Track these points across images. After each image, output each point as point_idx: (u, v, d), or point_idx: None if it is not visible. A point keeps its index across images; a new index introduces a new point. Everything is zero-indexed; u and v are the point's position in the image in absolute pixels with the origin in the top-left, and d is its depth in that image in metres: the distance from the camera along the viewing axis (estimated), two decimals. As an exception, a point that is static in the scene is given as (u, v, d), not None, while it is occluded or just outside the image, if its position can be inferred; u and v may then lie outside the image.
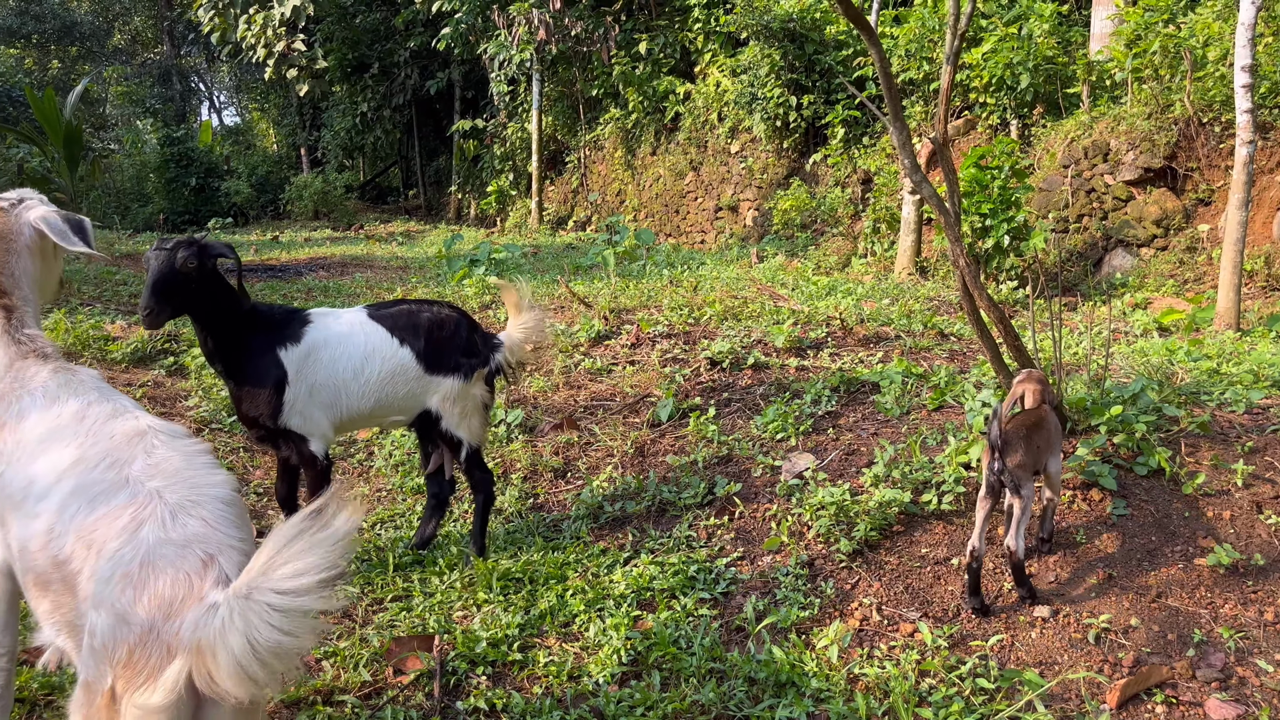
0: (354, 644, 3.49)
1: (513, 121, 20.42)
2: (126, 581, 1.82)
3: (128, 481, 2.03)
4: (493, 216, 21.12)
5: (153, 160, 28.93)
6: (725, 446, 4.90)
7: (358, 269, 12.12)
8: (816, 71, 12.52)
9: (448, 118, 24.53)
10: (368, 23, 23.84)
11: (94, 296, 8.48)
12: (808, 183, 12.50)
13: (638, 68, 16.40)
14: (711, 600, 3.70)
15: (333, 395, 3.83)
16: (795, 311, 6.96)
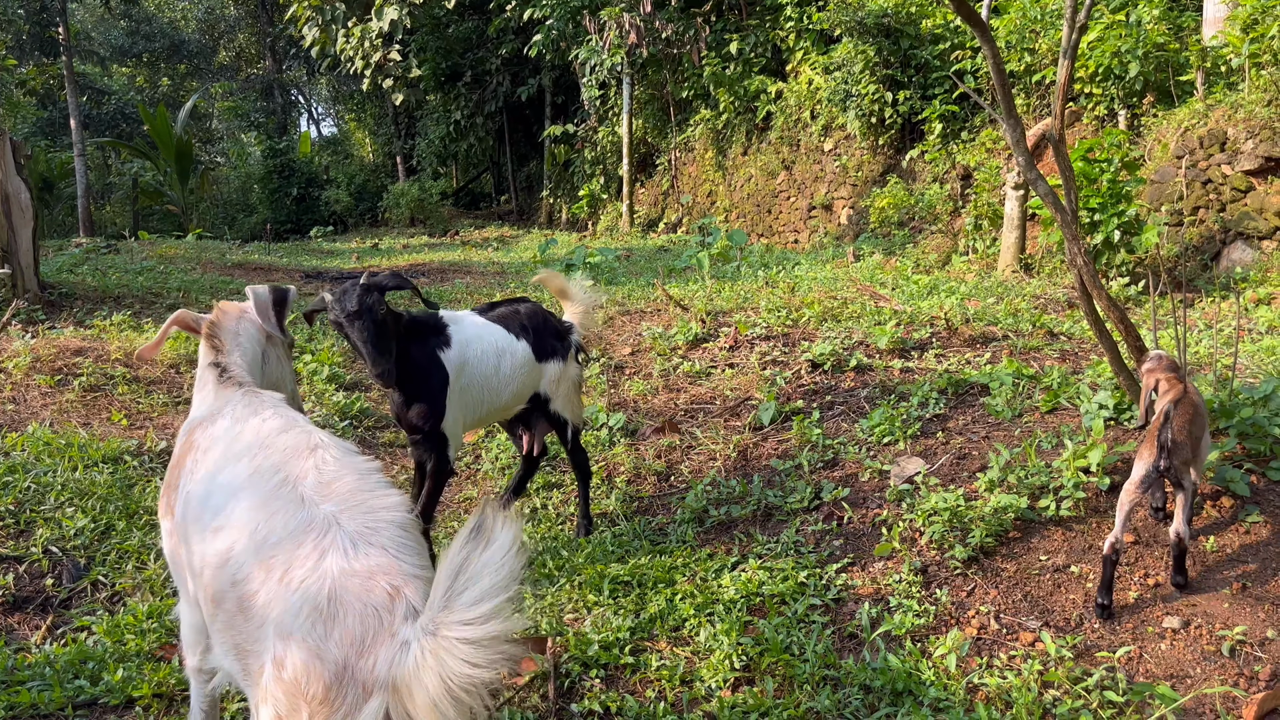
0: (469, 645, 3.55)
1: (603, 125, 20.55)
2: (317, 615, 1.80)
3: (303, 501, 2.02)
4: (584, 220, 21.29)
5: (257, 172, 30.01)
6: (830, 450, 4.84)
7: (457, 275, 12.34)
8: (912, 66, 12.28)
9: (538, 123, 24.83)
10: (460, 32, 24.27)
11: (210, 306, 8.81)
12: (904, 179, 12.28)
13: (728, 68, 16.34)
14: (823, 606, 3.66)
15: (478, 394, 4.02)
16: (897, 312, 6.84)
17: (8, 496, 4.21)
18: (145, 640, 3.43)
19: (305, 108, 47.53)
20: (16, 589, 3.74)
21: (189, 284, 9.63)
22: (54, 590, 3.80)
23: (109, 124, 34.66)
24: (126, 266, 10.60)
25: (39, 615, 3.66)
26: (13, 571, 3.80)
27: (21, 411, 5.27)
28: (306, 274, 11.95)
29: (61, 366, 5.81)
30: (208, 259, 12.85)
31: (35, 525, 4.11)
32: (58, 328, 6.98)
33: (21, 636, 3.51)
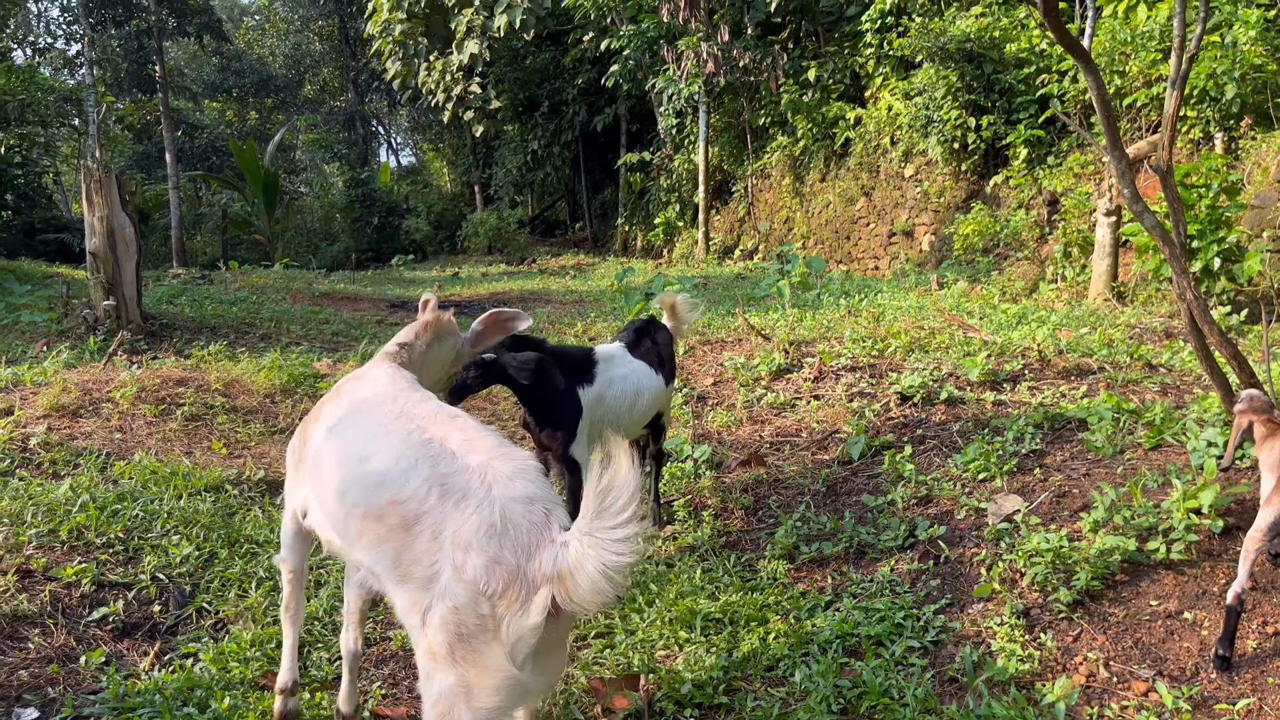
0: (562, 679, 3.54)
1: (679, 153, 20.65)
2: (493, 531, 2.32)
3: (454, 454, 2.51)
4: (659, 247, 21.37)
5: (339, 201, 30.83)
6: (924, 486, 4.75)
7: (536, 303, 12.48)
8: (996, 91, 12.10)
9: (613, 151, 25.06)
10: (538, 63, 24.69)
11: (301, 335, 9.06)
12: (988, 205, 12.07)
13: (806, 95, 16.30)
14: (921, 648, 3.58)
15: (611, 426, 4.32)
16: (987, 342, 6.70)
17: (118, 524, 4.35)
18: (249, 669, 3.49)
19: (385, 138, 48.75)
20: (126, 615, 3.85)
21: (280, 314, 9.90)
22: (161, 617, 3.90)
23: (200, 157, 35.99)
24: (221, 297, 10.94)
25: (147, 641, 3.77)
26: (122, 598, 3.92)
27: (128, 440, 5.46)
28: (391, 303, 12.20)
29: (165, 396, 6.01)
30: (296, 289, 13.21)
31: (143, 552, 4.23)
32: (160, 357, 7.23)
33: (131, 662, 3.61)
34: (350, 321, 10.22)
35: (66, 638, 3.65)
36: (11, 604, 3.70)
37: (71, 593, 3.89)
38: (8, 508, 4.35)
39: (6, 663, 3.45)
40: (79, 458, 5.13)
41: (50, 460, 5.06)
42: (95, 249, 7.74)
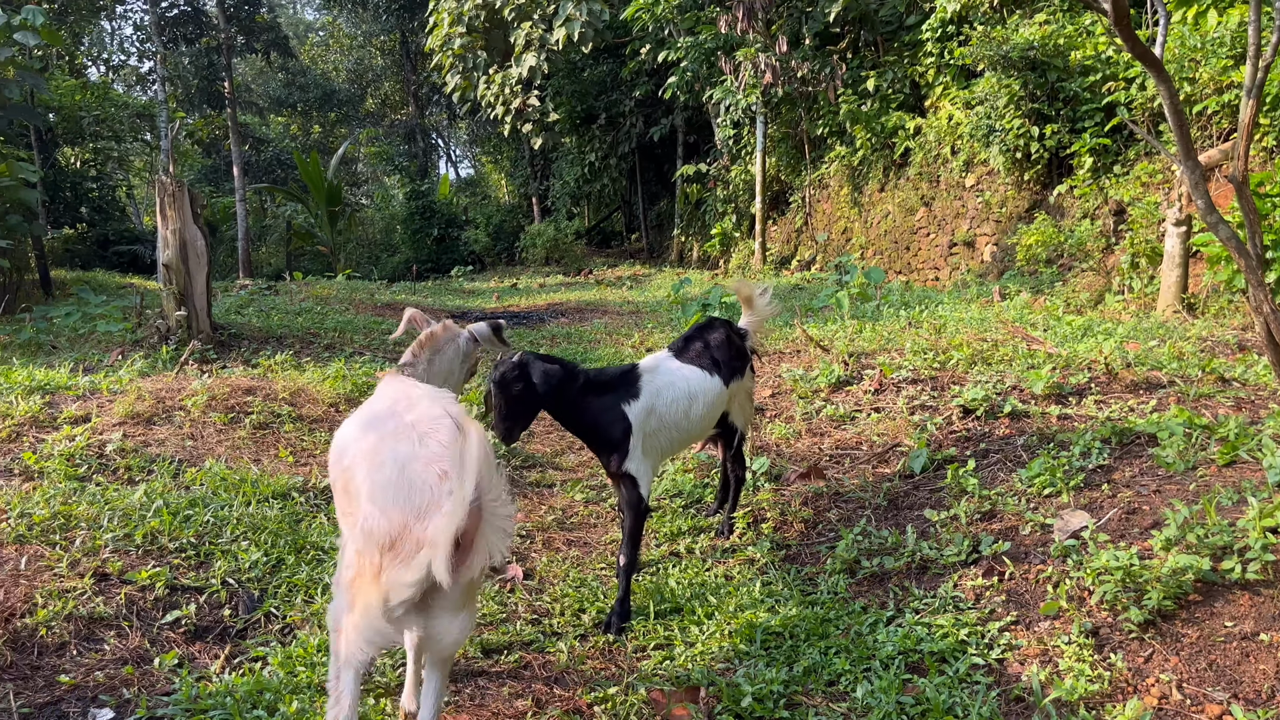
0: (621, 691, 3.56)
1: (736, 164, 20.62)
2: (388, 486, 2.58)
3: (394, 415, 2.86)
4: (715, 258, 21.35)
5: (399, 213, 31.31)
6: (988, 501, 4.68)
7: (594, 314, 12.54)
8: (1060, 99, 11.88)
9: (669, 162, 25.12)
10: (595, 76, 24.85)
11: (364, 345, 9.23)
12: (1052, 215, 11.85)
13: (865, 105, 16.18)
14: (986, 666, 3.52)
15: (668, 436, 4.37)
16: (1051, 355, 6.59)
17: (189, 529, 4.46)
18: (315, 673, 3.56)
19: (444, 151, 49.43)
20: (198, 619, 3.95)
21: (344, 324, 10.08)
22: (231, 621, 4.00)
23: (266, 170, 36.84)
24: (286, 307, 11.18)
25: (218, 644, 3.86)
26: (194, 602, 4.03)
27: (200, 447, 5.60)
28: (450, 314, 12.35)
29: (234, 404, 6.16)
30: (359, 299, 13.44)
31: (214, 557, 4.34)
32: (229, 367, 7.41)
33: (202, 665, 3.71)
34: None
35: (141, 640, 3.75)
36: (89, 606, 3.82)
37: (146, 595, 4.00)
38: (86, 512, 4.49)
39: (84, 663, 3.56)
40: (153, 464, 5.27)
41: (126, 466, 5.22)
42: (168, 261, 7.96)
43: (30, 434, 5.49)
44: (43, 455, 5.17)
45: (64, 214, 28.23)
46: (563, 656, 3.81)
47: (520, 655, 3.83)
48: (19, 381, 6.16)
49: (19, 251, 14.28)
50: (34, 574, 3.98)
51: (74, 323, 9.26)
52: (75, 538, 4.29)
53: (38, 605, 3.77)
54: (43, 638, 3.64)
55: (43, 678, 3.45)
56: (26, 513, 4.41)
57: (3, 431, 5.43)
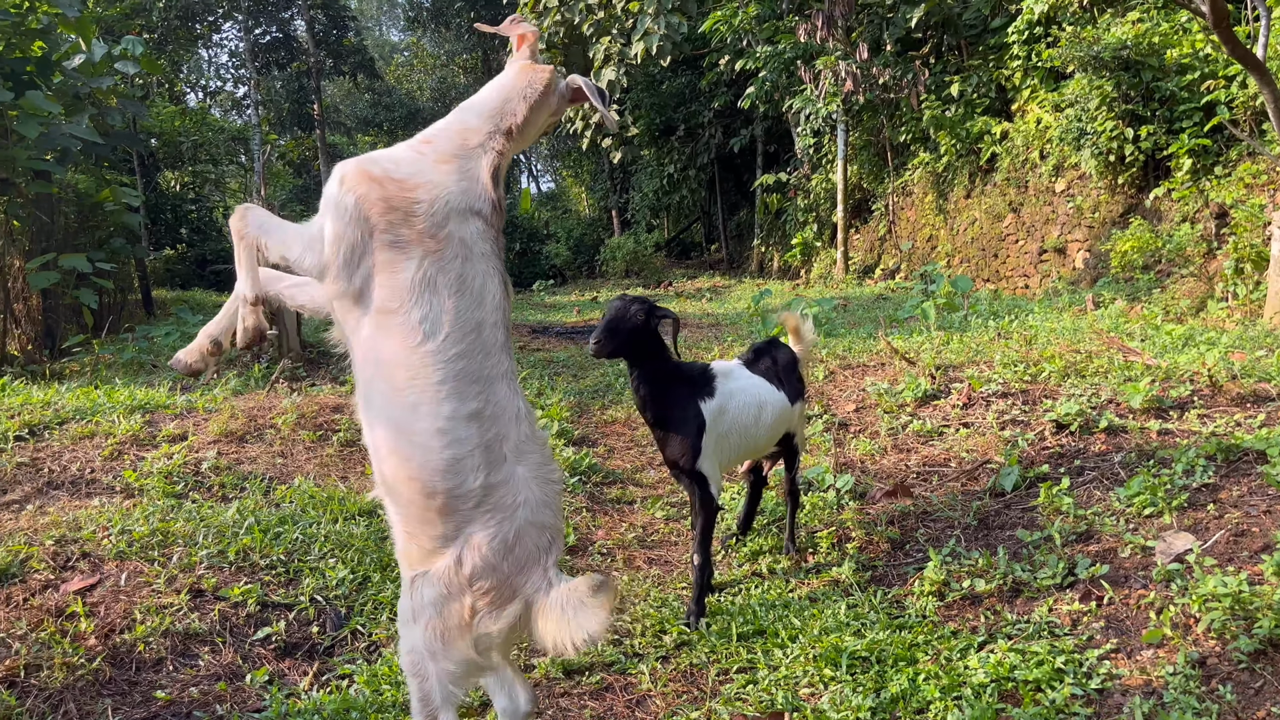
0: (703, 715, 3.51)
1: (816, 173, 20.43)
2: (504, 547, 2.63)
3: (507, 459, 2.70)
4: (796, 268, 21.16)
5: (483, 229, 31.77)
6: (1084, 521, 4.50)
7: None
8: (1155, 99, 11.48)
9: (749, 172, 25.01)
10: (674, 88, 24.90)
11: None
12: (1148, 220, 11.43)
13: (949, 110, 15.88)
14: (1084, 697, 3.38)
15: (737, 440, 4.45)
16: (1150, 366, 6.33)
17: (279, 546, 4.56)
18: (400, 692, 3.59)
19: (526, 165, 50.07)
20: (287, 635, 4.03)
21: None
22: (319, 638, 4.06)
23: (355, 189, 37.74)
24: (373, 324, 11.40)
25: (306, 661, 3.93)
26: (284, 619, 4.11)
27: (289, 465, 5.74)
28: (532, 329, 12.46)
29: (322, 422, 6.29)
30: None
31: (302, 574, 4.43)
32: (318, 385, 7.58)
33: (292, 681, 3.78)
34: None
35: (234, 656, 3.84)
36: (185, 622, 3.92)
37: (238, 612, 4.10)
38: (182, 529, 4.62)
39: (180, 679, 3.66)
40: (245, 481, 5.41)
41: (220, 484, 5.37)
42: (260, 281, 8.18)
43: (131, 452, 5.68)
44: (142, 473, 5.35)
45: (165, 236, 29.36)
46: (644, 679, 3.77)
47: (602, 677, 3.81)
48: (121, 401, 6.40)
49: (123, 273, 14.88)
50: (133, 590, 4.11)
51: (173, 342, 9.59)
52: (172, 554, 4.42)
53: (136, 621, 3.89)
54: (141, 653, 3.75)
55: (140, 693, 3.55)
56: (127, 529, 4.56)
57: (106, 449, 5.63)
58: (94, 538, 4.49)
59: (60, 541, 4.45)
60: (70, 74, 12.97)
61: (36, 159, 10.81)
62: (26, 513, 4.86)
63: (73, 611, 3.88)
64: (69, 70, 12.96)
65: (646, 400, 4.26)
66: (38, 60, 11.63)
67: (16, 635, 3.68)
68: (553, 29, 21.63)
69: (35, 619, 3.81)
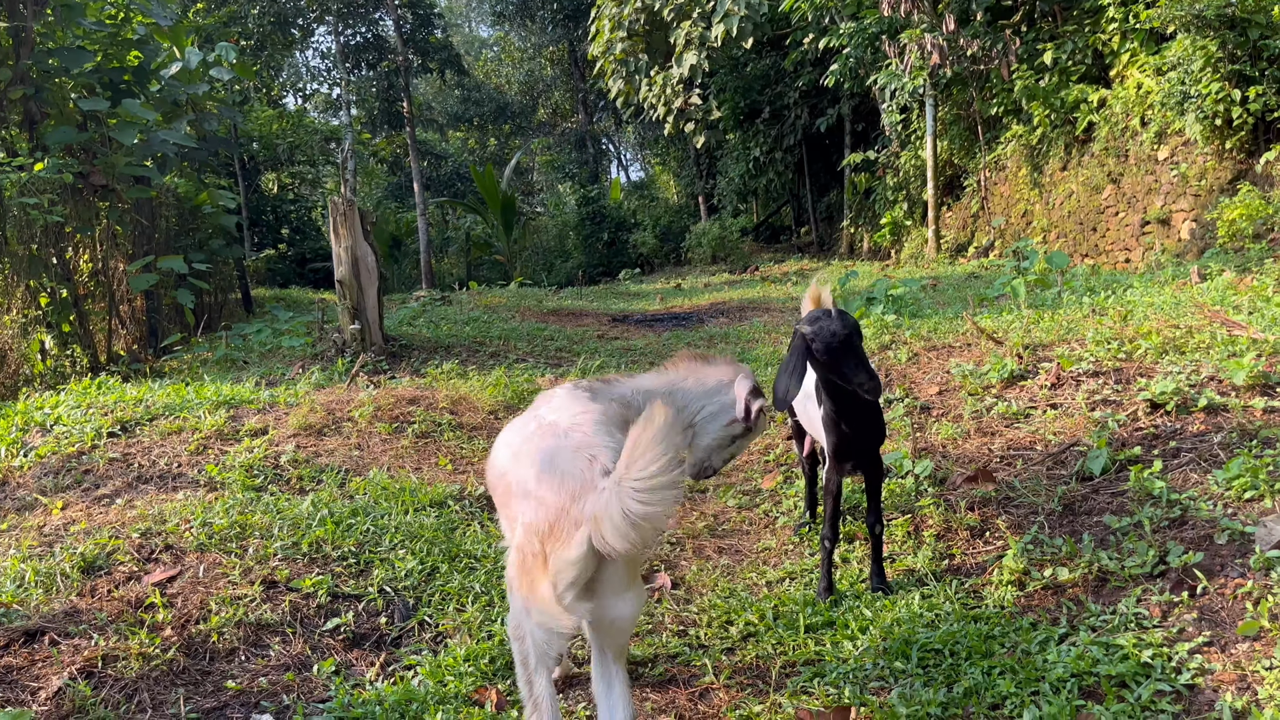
0: (767, 709, 3.42)
1: (905, 150, 19.90)
2: (541, 476, 2.76)
3: (534, 416, 3.13)
4: (886, 249, 20.68)
5: (571, 219, 32.01)
6: (1177, 506, 4.24)
7: (754, 313, 12.36)
8: (1264, 58, 10.80)
9: (837, 153, 24.53)
10: (757, 70, 24.57)
11: (527, 352, 9.42)
12: (1260, 186, 10.78)
13: (1042, 79, 15.26)
14: (1173, 693, 3.18)
15: None
16: (1256, 340, 5.94)
17: (350, 538, 4.63)
18: (463, 683, 3.60)
19: (615, 155, 50.19)
20: (356, 626, 4.08)
21: (509, 332, 10.32)
22: (387, 629, 4.11)
23: (446, 184, 38.45)
24: (456, 317, 11.57)
25: (374, 652, 3.97)
26: (353, 609, 4.16)
27: (365, 457, 5.83)
28: (613, 318, 12.47)
29: (398, 415, 6.38)
30: (526, 306, 13.77)
31: (373, 565, 4.48)
32: (397, 377, 7.70)
33: (359, 672, 3.82)
34: (573, 337, 10.54)
35: (303, 646, 3.91)
36: (257, 613, 4.01)
37: (309, 603, 4.17)
38: (260, 521, 4.73)
39: (250, 669, 3.74)
40: (322, 474, 5.52)
41: (297, 476, 5.49)
42: (342, 277, 8.36)
43: (215, 446, 5.86)
44: (225, 467, 5.50)
45: (266, 236, 30.38)
46: (708, 671, 3.70)
47: (665, 668, 3.75)
48: (207, 396, 6.60)
49: (222, 273, 15.42)
50: (210, 581, 4.22)
51: (264, 339, 9.89)
52: (249, 546, 4.52)
53: (212, 612, 3.99)
54: (215, 643, 3.84)
55: (211, 683, 3.63)
56: (208, 522, 4.69)
57: (192, 444, 5.81)
58: (177, 530, 4.63)
59: (145, 534, 4.60)
60: (167, 82, 13.47)
61: (135, 165, 11.25)
62: (116, 506, 5.05)
63: (151, 602, 4.00)
64: (166, 78, 13.46)
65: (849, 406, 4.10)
66: (134, 69, 12.10)
67: (96, 626, 3.81)
68: (633, 17, 21.56)
69: (116, 610, 3.94)
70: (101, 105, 10.71)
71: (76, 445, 5.80)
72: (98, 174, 10.77)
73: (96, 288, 11.30)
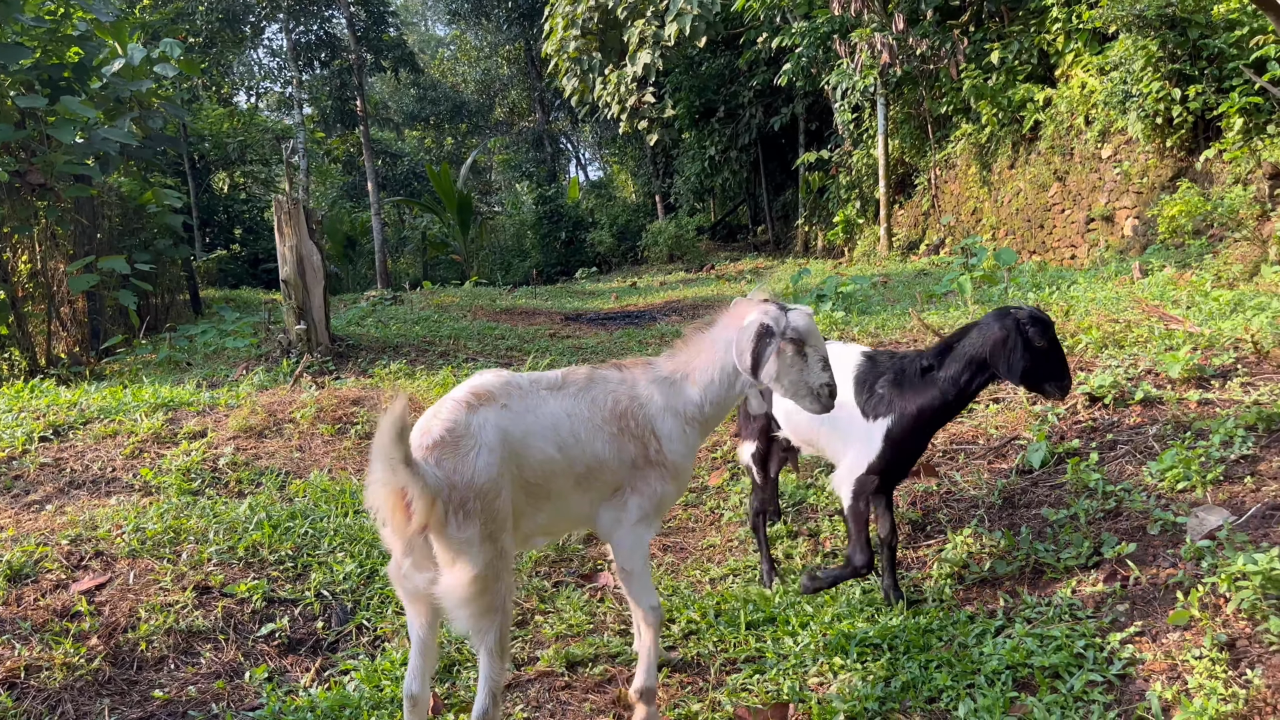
0: (706, 707, 3.41)
1: (858, 149, 20.04)
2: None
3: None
4: (840, 247, 20.82)
5: (529, 219, 31.85)
6: (1112, 498, 4.30)
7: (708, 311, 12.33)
8: (1204, 58, 11.00)
9: (792, 152, 24.65)
10: (712, 69, 24.60)
11: (477, 351, 9.34)
12: (1199, 183, 10.98)
13: (990, 79, 15.43)
14: (1105, 683, 3.21)
15: None
16: (1192, 334, 6.04)
17: (288, 541, 4.54)
18: (400, 687, 3.54)
19: (573, 154, 50.04)
20: (292, 631, 4.01)
21: (459, 331, 10.22)
22: (324, 633, 4.03)
23: (402, 184, 38.08)
24: (406, 317, 11.44)
25: (310, 657, 3.90)
26: (289, 614, 4.08)
27: (306, 459, 5.73)
28: (566, 316, 12.40)
29: (341, 416, 6.28)
30: (479, 305, 13.67)
31: (311, 569, 4.40)
32: (342, 378, 7.59)
33: (293, 678, 3.75)
34: (524, 335, 10.47)
35: (236, 653, 3.83)
36: (188, 620, 3.92)
37: (244, 608, 4.08)
38: (195, 526, 4.63)
39: (179, 677, 3.65)
40: (261, 477, 5.42)
41: (236, 480, 5.38)
42: (287, 276, 8.23)
43: (152, 450, 5.73)
44: (161, 470, 5.38)
45: (218, 236, 29.88)
46: (648, 670, 3.67)
47: (605, 668, 3.72)
48: (145, 399, 6.45)
49: (170, 273, 15.14)
50: (141, 588, 4.12)
51: (208, 340, 9.71)
52: (183, 551, 4.42)
53: (140, 620, 3.89)
54: (143, 652, 3.75)
55: (138, 692, 3.54)
56: (141, 527, 4.58)
57: (127, 448, 5.68)
58: (108, 536, 4.52)
59: (75, 541, 4.48)
60: (110, 79, 13.17)
61: (75, 163, 10.99)
62: (45, 513, 4.91)
63: (78, 611, 3.90)
64: (108, 75, 13.16)
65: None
66: (75, 66, 11.83)
67: (20, 636, 3.70)
68: (587, 15, 21.50)
69: (42, 619, 3.83)
70: (39, 103, 10.44)
71: (6, 450, 5.64)
72: (35, 172, 10.52)
73: (35, 289, 11.05)
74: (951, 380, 3.78)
